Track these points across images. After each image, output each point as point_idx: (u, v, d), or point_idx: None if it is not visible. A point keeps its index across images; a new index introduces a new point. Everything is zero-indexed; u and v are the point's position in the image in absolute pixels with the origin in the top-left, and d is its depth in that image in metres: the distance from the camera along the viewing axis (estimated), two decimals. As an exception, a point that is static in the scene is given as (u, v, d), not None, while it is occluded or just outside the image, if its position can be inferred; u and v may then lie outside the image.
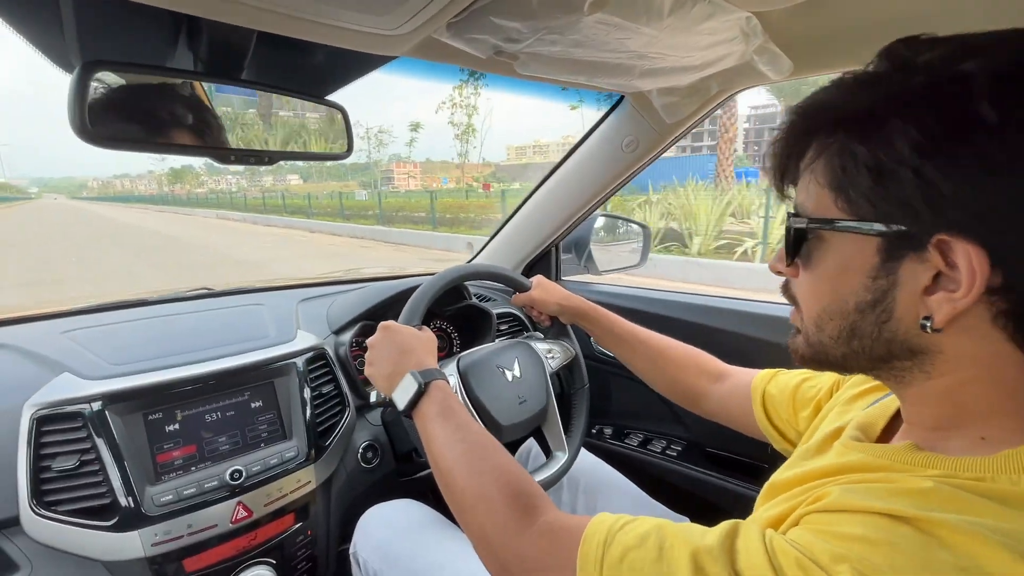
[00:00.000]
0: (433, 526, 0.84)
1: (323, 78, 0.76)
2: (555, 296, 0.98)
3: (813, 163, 0.40)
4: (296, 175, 70.30)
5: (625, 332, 0.92)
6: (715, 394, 0.82)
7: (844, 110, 0.38)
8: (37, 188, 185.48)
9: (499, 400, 0.85)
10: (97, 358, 0.79)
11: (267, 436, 0.85)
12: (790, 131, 0.42)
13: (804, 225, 0.41)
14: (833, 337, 0.42)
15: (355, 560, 0.84)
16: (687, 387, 0.85)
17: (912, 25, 0.38)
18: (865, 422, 0.49)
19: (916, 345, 0.38)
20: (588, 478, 0.96)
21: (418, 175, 52.52)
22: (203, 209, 35.91)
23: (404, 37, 0.60)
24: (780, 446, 0.71)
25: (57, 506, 0.68)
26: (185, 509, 0.74)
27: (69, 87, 0.50)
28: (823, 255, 0.41)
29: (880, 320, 0.38)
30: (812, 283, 0.43)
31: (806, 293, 0.44)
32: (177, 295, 1.12)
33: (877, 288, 0.38)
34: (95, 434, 0.71)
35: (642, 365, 0.91)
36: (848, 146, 0.37)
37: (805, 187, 0.41)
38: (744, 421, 0.76)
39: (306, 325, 1.02)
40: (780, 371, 0.74)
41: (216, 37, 0.59)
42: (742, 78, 0.86)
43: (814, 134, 0.40)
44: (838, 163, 0.38)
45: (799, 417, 0.66)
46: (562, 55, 0.68)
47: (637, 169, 1.17)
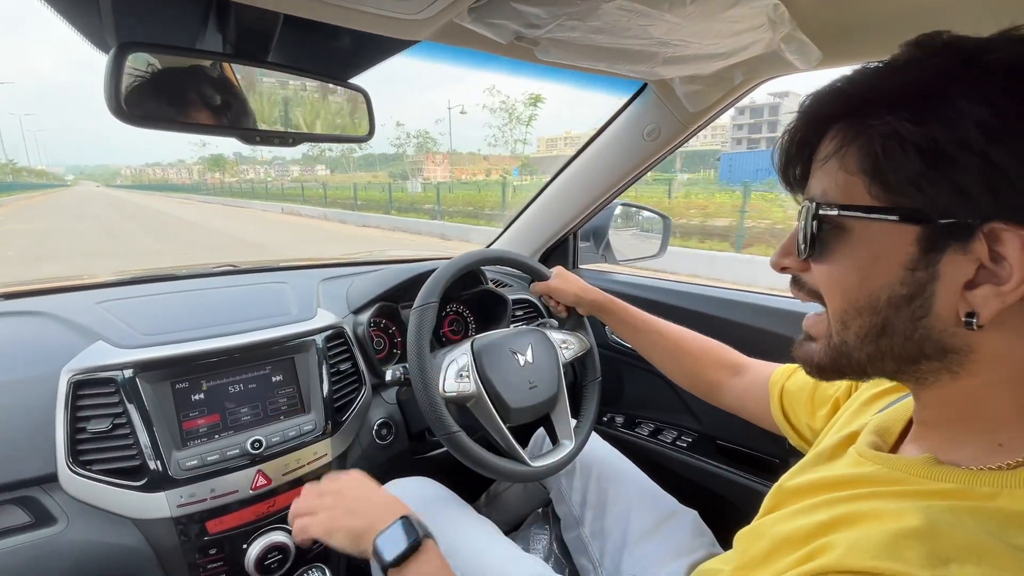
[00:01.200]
0: (448, 504, 0.86)
1: (346, 61, 0.77)
2: (574, 287, 0.99)
3: (841, 149, 0.38)
4: (323, 164, 70.87)
5: (643, 324, 0.92)
6: (733, 387, 0.82)
7: (891, 90, 0.36)
8: (73, 176, 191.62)
9: (510, 382, 0.86)
10: (129, 328, 0.83)
11: (286, 409, 0.89)
12: (806, 119, 0.40)
13: (835, 213, 0.38)
14: (860, 336, 0.39)
15: None
16: (705, 379, 0.85)
17: (948, 17, 0.37)
18: (882, 426, 0.48)
19: (950, 344, 0.36)
20: (602, 466, 0.97)
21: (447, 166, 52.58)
22: (257, 201, 32.00)
23: (426, 21, 0.61)
24: (796, 443, 0.71)
25: (92, 465, 0.72)
26: (209, 474, 0.77)
27: (105, 67, 0.52)
28: (850, 245, 0.38)
29: (916, 316, 0.36)
30: (836, 276, 0.40)
31: (829, 286, 0.41)
32: (204, 271, 1.16)
33: (915, 281, 0.35)
34: (126, 400, 0.74)
35: (660, 357, 0.91)
36: (895, 127, 0.34)
37: (828, 175, 0.39)
38: (761, 415, 0.76)
39: (326, 304, 1.05)
40: (799, 367, 0.73)
41: (244, 20, 0.61)
42: (768, 67, 0.84)
43: (837, 120, 0.38)
44: (879, 146, 0.35)
45: (816, 416, 0.65)
46: (583, 41, 0.67)
47: (658, 158, 1.16)
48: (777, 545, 0.42)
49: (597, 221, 1.41)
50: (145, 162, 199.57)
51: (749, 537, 0.49)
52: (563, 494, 0.98)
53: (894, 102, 0.35)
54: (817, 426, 0.65)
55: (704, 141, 65.73)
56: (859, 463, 0.44)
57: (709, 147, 57.88)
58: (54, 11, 0.56)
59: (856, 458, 0.45)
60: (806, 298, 0.44)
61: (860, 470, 0.43)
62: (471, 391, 0.83)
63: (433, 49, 0.77)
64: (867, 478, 0.42)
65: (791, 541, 0.41)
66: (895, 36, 0.39)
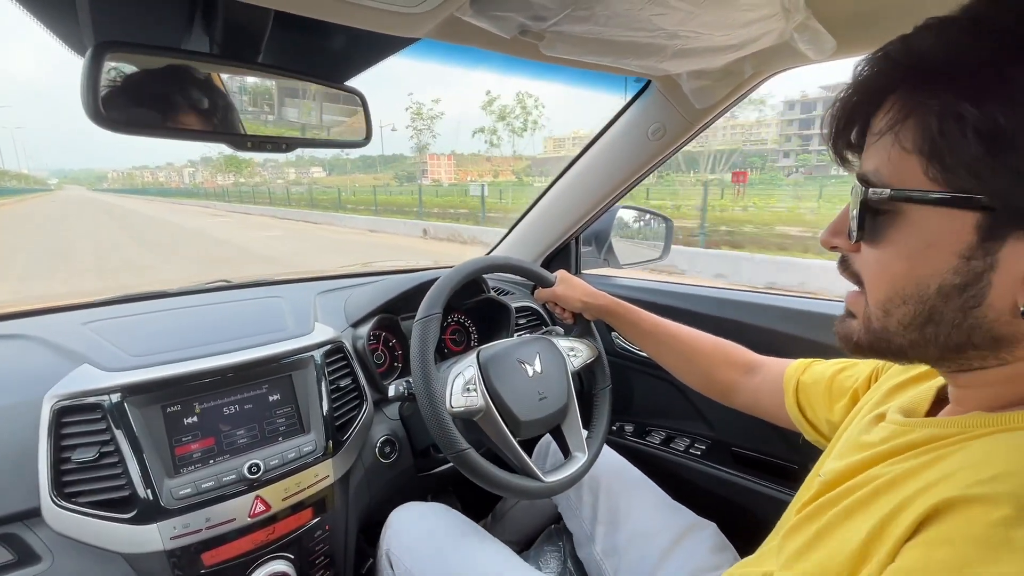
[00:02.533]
0: (461, 529, 0.83)
1: (342, 63, 0.74)
2: (579, 292, 0.96)
3: (897, 124, 0.35)
4: (319, 167, 70.36)
5: (652, 327, 0.90)
6: (747, 387, 0.80)
7: (948, 61, 0.33)
8: (56, 179, 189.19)
9: (519, 394, 0.83)
10: (117, 350, 0.79)
11: (285, 430, 0.84)
12: (860, 86, 0.37)
13: (886, 196, 0.36)
14: (903, 323, 0.37)
15: (387, 558, 0.83)
16: (718, 380, 0.83)
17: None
18: (907, 406, 0.47)
19: (1002, 333, 0.34)
20: (611, 479, 0.93)
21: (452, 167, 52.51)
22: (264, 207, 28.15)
23: (425, 16, 0.58)
24: (812, 437, 0.70)
25: (77, 497, 0.67)
26: (203, 502, 0.73)
27: (81, 70, 0.48)
28: (901, 231, 0.36)
29: (967, 306, 0.34)
30: (884, 262, 0.38)
31: (874, 272, 0.39)
32: (196, 287, 1.11)
33: (970, 270, 0.33)
34: (114, 426, 0.70)
35: (671, 360, 0.89)
36: (953, 106, 0.32)
37: (882, 151, 0.36)
38: (776, 412, 0.74)
39: (324, 318, 1.01)
40: (815, 361, 0.72)
41: (232, 18, 0.57)
42: (779, 59, 0.81)
43: (894, 89, 0.35)
44: (936, 125, 0.33)
45: (834, 408, 0.64)
46: (590, 34, 0.64)
47: (663, 158, 1.13)
48: (839, 518, 0.40)
49: (599, 225, 1.39)
50: (132, 165, 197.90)
51: (801, 526, 0.45)
52: (572, 509, 0.95)
53: (953, 75, 0.32)
54: (836, 419, 0.63)
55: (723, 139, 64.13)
56: (903, 432, 0.42)
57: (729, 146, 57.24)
58: (27, 12, 0.52)
59: (898, 429, 0.43)
60: (851, 279, 0.42)
61: (908, 438, 0.41)
62: (479, 405, 0.79)
63: (431, 48, 0.73)
64: (920, 440, 0.40)
65: (854, 508, 0.39)
66: (912, 22, 0.36)
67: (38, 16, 0.53)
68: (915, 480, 0.35)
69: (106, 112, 0.48)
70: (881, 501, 0.37)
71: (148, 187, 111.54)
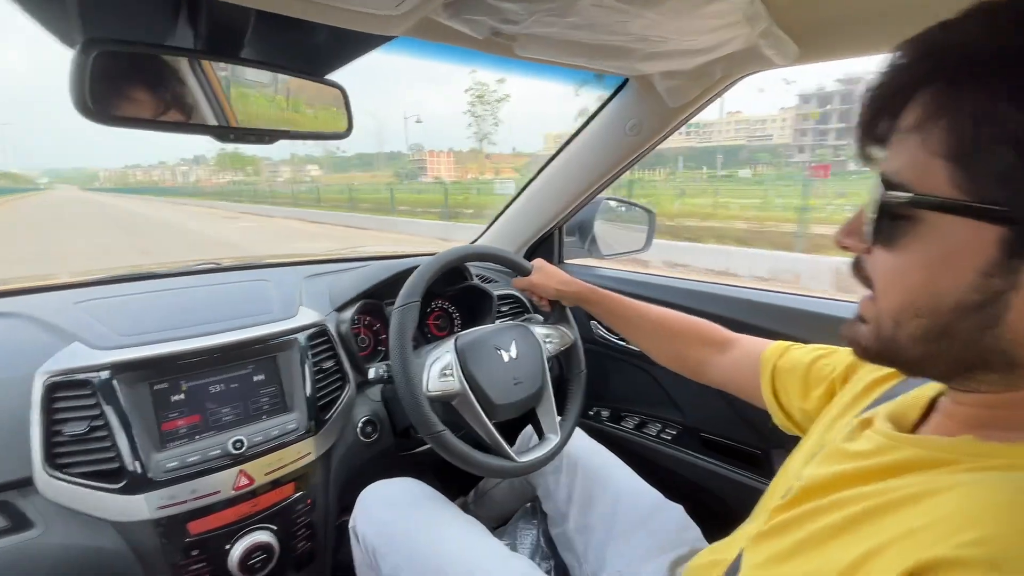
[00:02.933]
0: (433, 504, 0.85)
1: (323, 57, 0.76)
2: (554, 281, 0.99)
3: (926, 122, 0.32)
4: (315, 164, 69.10)
5: (625, 309, 0.92)
6: (720, 364, 0.81)
7: (994, 55, 0.30)
8: (47, 178, 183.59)
9: (494, 379, 0.86)
10: (107, 329, 0.82)
11: (269, 408, 0.88)
12: (891, 76, 0.34)
13: (905, 200, 0.33)
14: (914, 337, 0.35)
15: (354, 534, 0.86)
16: (691, 357, 0.84)
17: (922, 13, 0.34)
18: (896, 412, 0.45)
19: (1018, 356, 0.32)
20: (587, 462, 0.96)
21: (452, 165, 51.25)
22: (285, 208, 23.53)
23: (401, 17, 0.60)
24: (781, 422, 0.70)
25: (69, 468, 0.71)
26: (189, 475, 0.77)
27: (71, 65, 0.51)
28: (920, 239, 0.33)
29: (984, 325, 0.32)
30: (899, 269, 0.35)
31: (887, 279, 0.37)
32: (185, 269, 1.14)
33: (989, 288, 0.31)
34: (103, 402, 0.73)
35: (644, 339, 0.91)
36: (991, 107, 0.29)
37: (907, 151, 0.34)
38: (749, 391, 0.75)
39: (309, 302, 1.04)
40: (792, 345, 0.72)
41: (216, 15, 0.60)
42: (747, 63, 0.85)
43: (926, 84, 0.32)
44: (969, 128, 0.30)
45: (810, 396, 0.63)
46: (561, 36, 0.67)
47: (642, 153, 1.16)
48: (814, 537, 0.39)
49: (582, 216, 1.42)
50: (124, 164, 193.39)
51: (775, 535, 0.44)
52: (549, 491, 0.98)
53: (996, 70, 0.29)
54: (810, 407, 0.63)
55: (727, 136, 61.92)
56: (890, 448, 0.40)
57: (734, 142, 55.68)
58: (18, 6, 0.54)
59: (885, 443, 0.41)
60: (862, 282, 0.40)
61: (895, 455, 0.39)
62: (455, 389, 0.83)
63: (411, 45, 0.76)
64: (907, 463, 0.38)
65: (834, 530, 0.37)
66: (872, 32, 0.36)
67: (29, 11, 0.56)
68: (903, 515, 0.34)
69: (94, 106, 0.51)
70: (867, 529, 0.35)
71: (143, 186, 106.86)
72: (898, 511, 0.34)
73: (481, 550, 0.77)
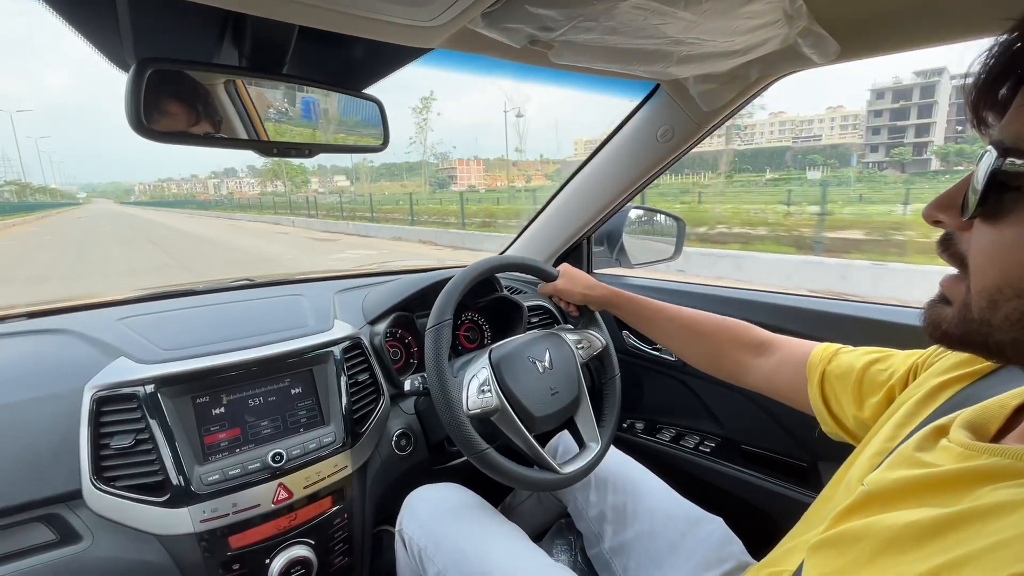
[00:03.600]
0: (477, 509, 0.85)
1: (360, 72, 0.78)
2: (579, 285, 0.98)
3: None
4: (342, 175, 69.92)
5: (653, 312, 0.90)
6: (760, 367, 0.78)
7: None
8: (85, 193, 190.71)
9: (531, 391, 0.85)
10: (150, 344, 0.84)
11: (306, 421, 0.88)
12: (1017, 38, 0.32)
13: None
14: (1011, 319, 0.33)
15: (400, 538, 0.86)
16: (726, 360, 0.82)
17: (966, 7, 0.33)
18: (975, 421, 0.42)
19: None
20: (617, 477, 0.94)
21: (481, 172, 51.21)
22: (355, 224, 19.55)
23: (440, 28, 0.61)
24: (830, 430, 0.66)
25: (115, 481, 0.72)
26: (230, 489, 0.77)
27: (125, 85, 0.53)
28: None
29: None
30: (1003, 245, 0.33)
31: (987, 256, 0.34)
32: (222, 285, 1.16)
33: None
34: (148, 415, 0.75)
35: (675, 342, 0.89)
36: None
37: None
38: (795, 396, 0.71)
39: (343, 315, 1.05)
40: (841, 348, 0.68)
41: (259, 34, 0.62)
42: (785, 63, 0.83)
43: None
44: None
45: (866, 404, 0.60)
46: (597, 43, 0.67)
47: (672, 160, 1.15)
48: (884, 546, 0.37)
49: (610, 225, 1.40)
50: (157, 177, 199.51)
51: (838, 544, 0.42)
52: (580, 510, 0.96)
53: None
54: (865, 415, 0.60)
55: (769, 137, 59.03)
56: (967, 457, 0.38)
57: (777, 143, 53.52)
58: (74, 30, 0.57)
59: (961, 452, 0.39)
60: (951, 261, 0.38)
61: (972, 464, 0.37)
62: (494, 405, 0.81)
63: (445, 57, 0.77)
64: (985, 472, 0.36)
65: (903, 539, 0.35)
66: (914, 26, 0.35)
67: (85, 34, 0.58)
68: (984, 528, 0.32)
69: (148, 124, 0.53)
70: (942, 542, 0.33)
71: (179, 198, 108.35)
72: (977, 524, 0.32)
73: (527, 559, 0.76)
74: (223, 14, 0.59)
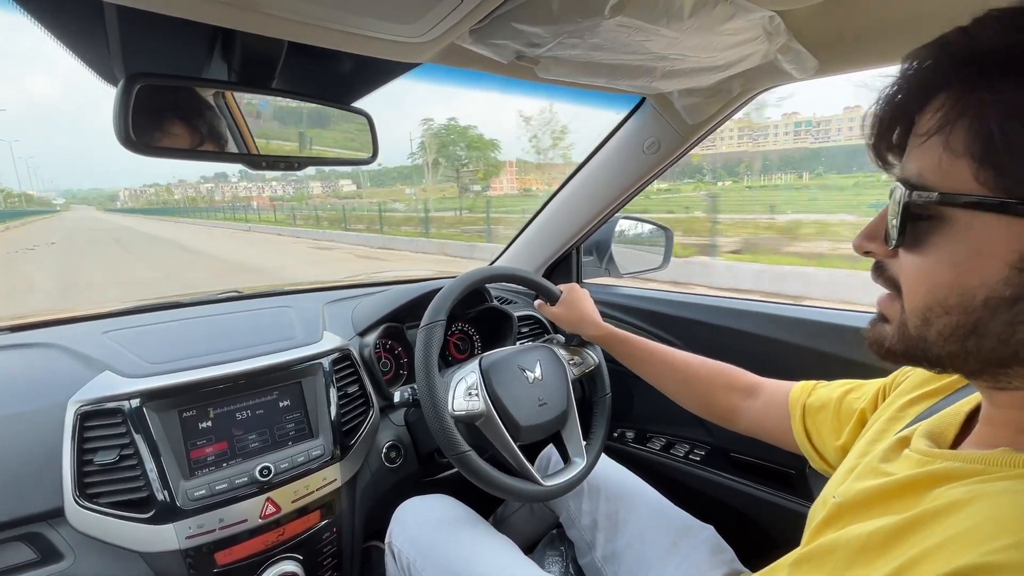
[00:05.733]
0: (467, 521, 0.85)
1: (349, 86, 0.78)
2: (573, 316, 0.98)
3: (947, 125, 0.33)
4: (348, 179, 67.55)
5: (649, 354, 0.91)
6: (749, 410, 0.80)
7: (1010, 56, 0.31)
8: (63, 199, 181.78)
9: (519, 400, 0.85)
10: (136, 357, 0.83)
11: (294, 434, 0.88)
12: (907, 83, 0.35)
13: (934, 199, 0.33)
14: (943, 334, 0.35)
15: (390, 550, 0.85)
16: (719, 405, 0.83)
17: (942, 21, 0.35)
18: (934, 430, 0.44)
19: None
20: (610, 485, 0.94)
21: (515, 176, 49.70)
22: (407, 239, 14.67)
23: (428, 44, 0.62)
24: (818, 465, 0.68)
25: (99, 498, 0.71)
26: (217, 504, 0.76)
27: (114, 99, 0.53)
28: (947, 237, 0.34)
29: (1016, 320, 0.32)
30: (926, 269, 0.36)
31: (915, 280, 0.37)
32: (209, 297, 1.16)
33: (1021, 282, 0.31)
34: (134, 430, 0.74)
35: (670, 386, 0.89)
36: (1011, 105, 0.30)
37: (929, 153, 0.34)
38: (782, 437, 0.73)
39: (332, 327, 1.04)
40: (819, 383, 0.71)
41: (249, 48, 0.62)
42: (766, 77, 0.85)
43: (944, 88, 0.33)
44: (996, 124, 0.31)
45: (843, 432, 0.62)
46: (583, 58, 0.68)
47: (659, 171, 1.17)
48: (856, 555, 0.38)
49: (599, 235, 1.42)
50: (143, 183, 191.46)
51: (816, 558, 0.43)
52: (572, 518, 0.96)
53: (1011, 72, 0.30)
54: (844, 442, 0.62)
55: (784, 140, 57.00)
56: (924, 463, 0.40)
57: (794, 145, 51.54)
58: (62, 45, 0.57)
59: (919, 459, 0.41)
60: (886, 285, 0.40)
61: (928, 469, 0.39)
62: (480, 409, 0.82)
63: (433, 71, 0.78)
64: (940, 474, 0.38)
65: (871, 547, 0.37)
66: (892, 44, 0.37)
67: (73, 49, 0.58)
68: (936, 527, 0.34)
69: (136, 138, 0.53)
70: (901, 546, 0.35)
71: (170, 206, 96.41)
72: (931, 524, 0.34)
73: (518, 571, 0.76)
74: (213, 29, 0.60)
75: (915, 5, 0.67)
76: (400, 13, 0.54)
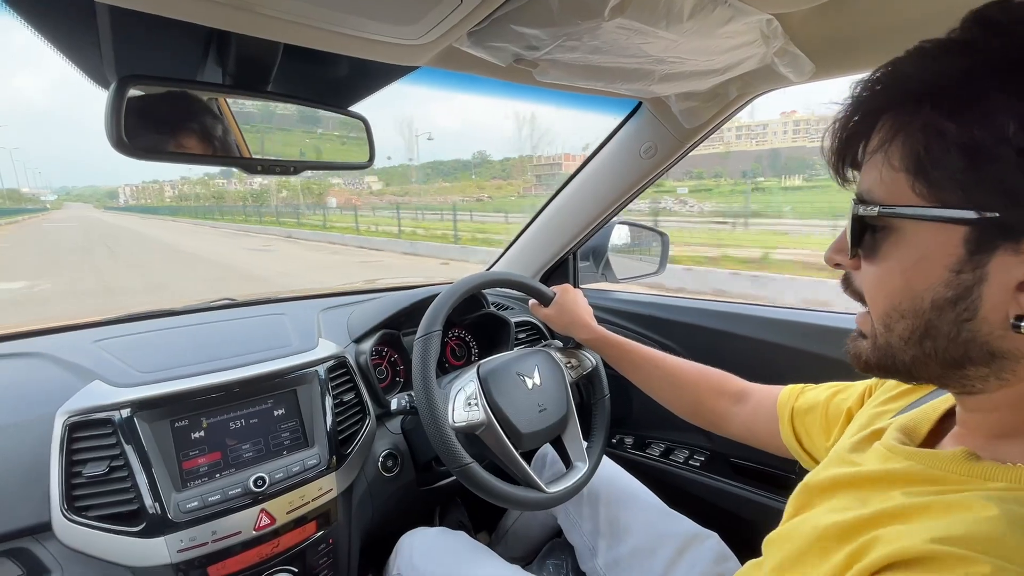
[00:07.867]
0: (475, 554, 0.84)
1: (346, 89, 0.78)
2: (565, 319, 0.98)
3: (886, 144, 0.36)
4: (374, 176, 64.81)
5: (638, 357, 0.91)
6: (738, 415, 0.80)
7: (928, 82, 0.34)
8: (55, 196, 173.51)
9: (519, 407, 0.84)
10: (127, 366, 0.81)
11: (289, 444, 0.86)
12: (856, 107, 0.38)
13: (875, 213, 0.37)
14: (904, 338, 0.38)
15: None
16: (708, 410, 0.83)
17: (937, 27, 0.37)
18: (908, 425, 0.46)
19: (998, 348, 0.34)
20: (610, 490, 0.94)
21: None
22: None
23: (426, 47, 0.61)
24: (808, 466, 0.68)
25: (87, 512, 0.69)
26: (210, 516, 0.74)
27: (106, 101, 0.52)
28: (895, 246, 0.37)
29: (961, 319, 0.35)
30: (880, 277, 0.39)
31: (873, 288, 0.40)
32: (202, 305, 1.14)
33: (960, 283, 0.34)
34: (124, 441, 0.72)
35: (660, 391, 0.89)
36: (934, 123, 0.33)
37: (874, 170, 0.37)
38: (772, 441, 0.74)
39: (327, 334, 1.03)
40: (807, 387, 0.72)
41: (244, 51, 0.61)
42: (762, 81, 0.86)
43: (885, 111, 0.37)
44: (920, 142, 0.34)
45: (832, 432, 0.63)
46: (581, 61, 0.68)
47: (655, 175, 1.17)
48: (811, 544, 0.41)
49: (596, 240, 1.41)
50: (142, 180, 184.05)
51: (779, 541, 0.48)
52: (572, 522, 0.95)
53: (934, 93, 0.34)
54: (833, 442, 0.62)
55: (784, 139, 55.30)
56: (888, 459, 0.43)
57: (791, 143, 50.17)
58: (53, 47, 0.56)
59: (884, 453, 0.44)
60: (853, 297, 0.43)
61: (890, 466, 0.42)
62: (480, 419, 0.80)
63: (431, 75, 0.77)
64: (900, 475, 0.40)
65: (826, 538, 0.40)
66: (886, 48, 0.38)
67: (64, 51, 0.57)
68: (880, 533, 0.36)
69: (129, 141, 0.52)
70: (852, 543, 0.37)
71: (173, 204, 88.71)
72: (883, 525, 0.37)
73: None
74: (207, 31, 0.59)
75: (908, 11, 0.67)
76: (398, 14, 0.54)
